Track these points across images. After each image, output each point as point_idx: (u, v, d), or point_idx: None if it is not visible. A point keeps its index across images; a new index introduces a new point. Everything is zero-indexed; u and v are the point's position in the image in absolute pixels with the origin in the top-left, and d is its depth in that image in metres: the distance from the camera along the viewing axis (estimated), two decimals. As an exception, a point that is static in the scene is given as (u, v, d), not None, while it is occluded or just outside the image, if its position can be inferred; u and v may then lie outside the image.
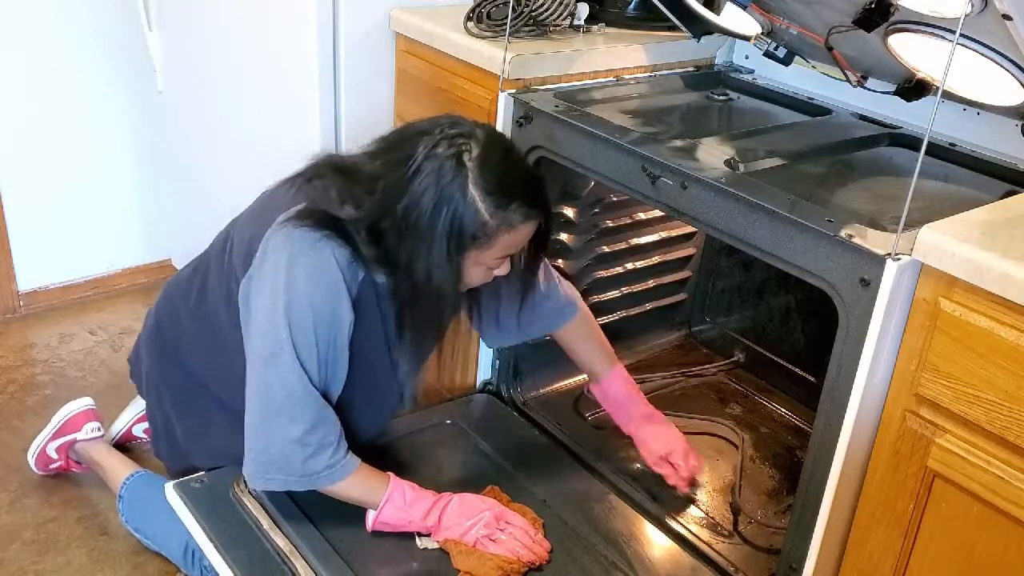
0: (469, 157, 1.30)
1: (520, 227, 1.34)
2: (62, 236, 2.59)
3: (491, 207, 1.29)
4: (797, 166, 1.54)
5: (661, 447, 1.65)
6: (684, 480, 1.65)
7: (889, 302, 1.17)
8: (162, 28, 2.41)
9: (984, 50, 1.35)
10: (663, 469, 1.66)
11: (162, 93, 2.49)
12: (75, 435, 1.94)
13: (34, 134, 2.46)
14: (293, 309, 1.32)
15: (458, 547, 1.42)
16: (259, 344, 1.34)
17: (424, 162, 1.29)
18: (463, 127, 1.34)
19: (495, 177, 1.30)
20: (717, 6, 1.75)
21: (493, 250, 1.34)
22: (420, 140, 1.31)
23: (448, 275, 1.32)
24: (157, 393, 1.69)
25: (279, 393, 1.34)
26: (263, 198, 1.49)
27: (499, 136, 1.39)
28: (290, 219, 1.34)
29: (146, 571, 1.80)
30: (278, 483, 1.38)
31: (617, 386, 1.69)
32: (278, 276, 1.33)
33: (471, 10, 1.83)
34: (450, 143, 1.30)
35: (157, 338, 1.67)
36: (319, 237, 1.32)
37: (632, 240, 2.03)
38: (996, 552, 1.15)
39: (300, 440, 1.34)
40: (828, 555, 1.34)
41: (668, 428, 1.68)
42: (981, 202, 1.30)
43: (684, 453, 1.65)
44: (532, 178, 1.39)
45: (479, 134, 1.33)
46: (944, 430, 1.17)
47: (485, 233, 1.31)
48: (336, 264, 1.33)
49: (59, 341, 2.49)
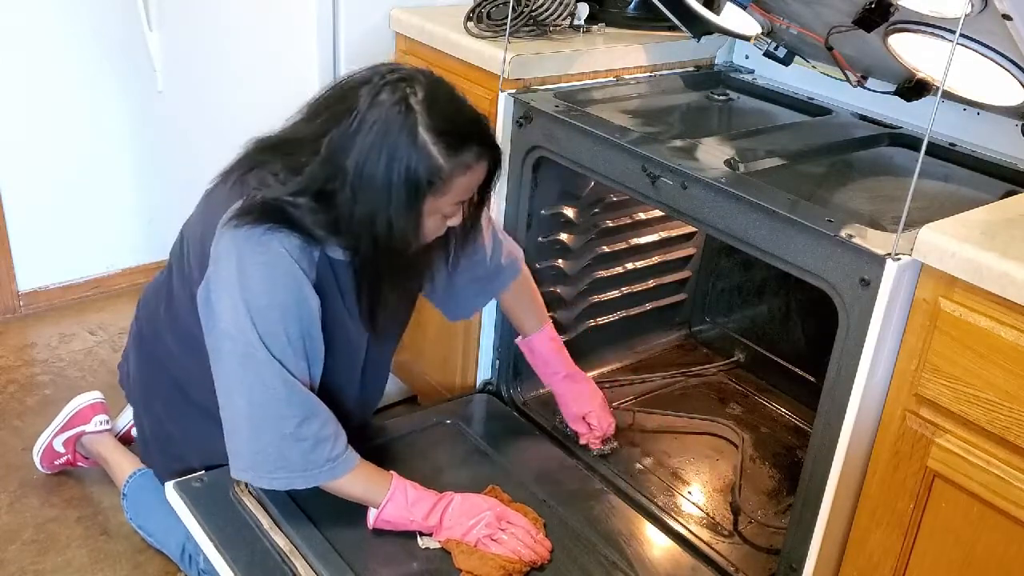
0: (416, 100, 1.25)
1: (475, 167, 1.30)
2: (62, 236, 2.59)
3: (443, 150, 1.25)
4: (797, 166, 1.54)
5: (577, 407, 1.72)
6: (597, 438, 1.73)
7: (889, 302, 1.17)
8: (162, 28, 2.41)
9: (984, 50, 1.35)
10: (579, 427, 1.74)
11: (162, 93, 2.49)
12: (83, 427, 1.95)
13: (34, 134, 2.46)
14: (255, 310, 1.29)
15: (460, 547, 1.42)
16: (229, 347, 1.31)
17: (368, 111, 1.24)
18: (403, 71, 1.29)
19: (445, 118, 1.26)
20: (717, 6, 1.75)
21: (449, 195, 1.30)
22: (360, 90, 1.27)
23: (409, 226, 1.28)
24: (146, 399, 1.68)
25: (261, 392, 1.32)
26: (205, 196, 1.46)
27: (441, 79, 1.33)
28: (232, 219, 1.30)
29: (146, 571, 1.80)
30: (281, 482, 1.37)
31: (543, 344, 1.73)
32: (232, 281, 1.30)
33: (471, 10, 1.83)
34: (393, 88, 1.25)
35: (140, 345, 1.66)
36: (263, 232, 1.28)
37: (632, 240, 2.03)
38: (996, 552, 1.15)
39: (294, 435, 1.33)
40: (828, 555, 1.34)
41: (587, 387, 1.74)
42: (981, 202, 1.30)
43: (599, 412, 1.72)
44: (479, 117, 1.33)
45: (420, 77, 1.28)
46: (944, 430, 1.17)
47: (440, 177, 1.27)
48: (287, 255, 1.29)
49: (59, 341, 2.49)
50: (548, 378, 1.76)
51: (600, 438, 1.74)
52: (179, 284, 1.49)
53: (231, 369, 1.33)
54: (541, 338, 1.73)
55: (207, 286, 1.34)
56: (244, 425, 1.35)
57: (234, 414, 1.36)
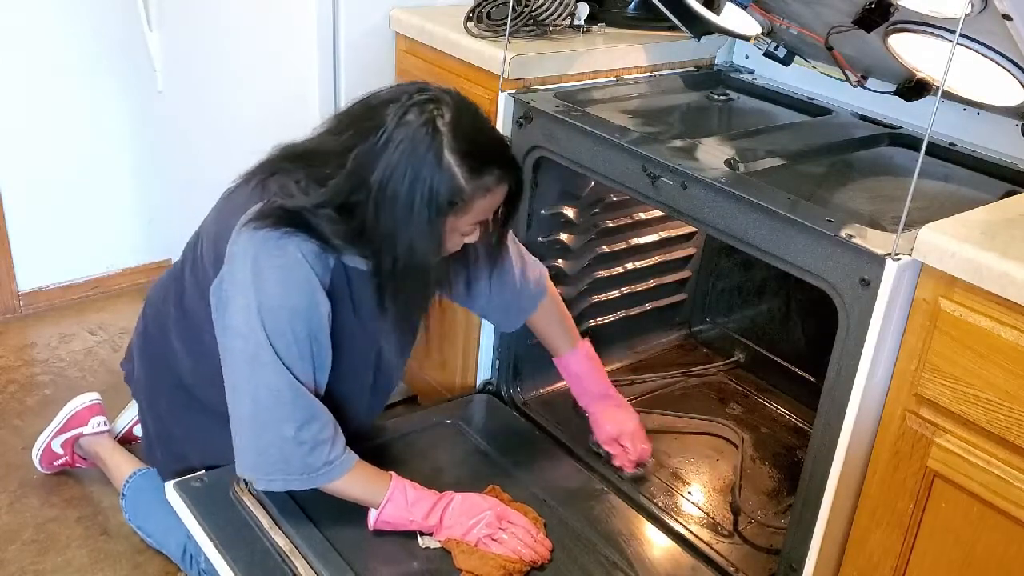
0: (443, 122, 1.27)
1: (495, 190, 1.33)
2: (62, 236, 2.59)
3: (466, 172, 1.28)
4: (797, 166, 1.54)
5: (613, 428, 1.69)
6: (631, 462, 1.69)
7: (889, 302, 1.17)
8: (162, 28, 2.41)
9: (984, 50, 1.35)
10: (612, 448, 1.70)
11: (162, 93, 2.49)
12: (81, 429, 1.95)
13: (34, 134, 2.46)
14: (266, 311, 1.31)
15: (460, 546, 1.42)
16: (240, 346, 1.33)
17: (396, 130, 1.26)
18: (431, 92, 1.31)
19: (469, 141, 1.28)
20: (717, 6, 1.75)
21: (469, 215, 1.33)
22: (387, 108, 1.29)
23: (430, 243, 1.31)
24: (151, 397, 1.68)
25: (266, 394, 1.33)
26: (225, 197, 1.48)
27: (467, 100, 1.35)
28: (250, 220, 1.32)
29: (146, 571, 1.80)
30: (279, 484, 1.38)
31: (578, 363, 1.72)
32: (247, 280, 1.31)
33: (471, 10, 1.83)
34: (421, 109, 1.28)
35: (147, 344, 1.66)
36: (280, 235, 1.30)
37: (632, 240, 2.03)
38: (996, 552, 1.15)
39: (295, 438, 1.34)
40: (828, 555, 1.34)
41: (622, 410, 1.71)
42: (981, 202, 1.30)
43: (633, 435, 1.68)
44: (501, 140, 1.38)
45: (447, 99, 1.30)
46: (944, 430, 1.17)
47: (462, 199, 1.29)
48: (303, 259, 1.31)
49: (59, 341, 2.49)
50: (582, 397, 1.73)
51: (634, 462, 1.70)
52: (192, 282, 1.50)
53: (239, 369, 1.35)
54: (576, 357, 1.72)
55: (221, 285, 1.36)
56: (248, 425, 1.36)
57: (240, 413, 1.37)
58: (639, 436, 1.70)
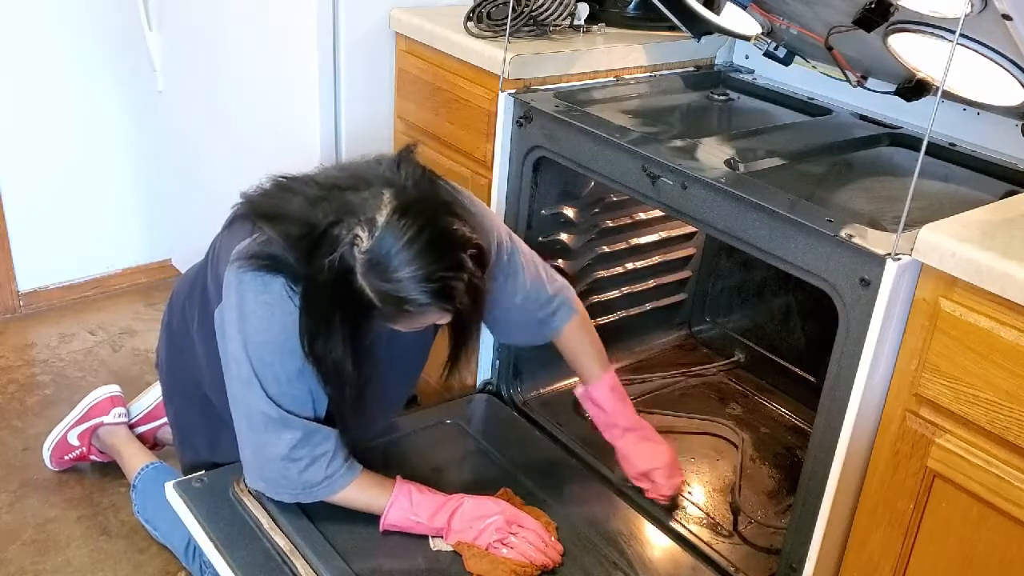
0: (360, 249, 1.21)
1: (425, 313, 1.26)
2: (62, 236, 2.59)
3: (380, 297, 1.22)
4: (797, 166, 1.54)
5: (643, 464, 1.59)
6: (663, 497, 1.61)
7: (889, 302, 1.17)
8: (162, 28, 2.41)
9: (984, 50, 1.35)
10: (642, 483, 1.62)
11: (162, 93, 2.49)
12: (102, 418, 1.97)
13: (34, 134, 2.46)
14: (251, 345, 1.32)
15: (471, 550, 1.42)
16: (236, 369, 1.35)
17: (321, 237, 1.22)
18: (371, 205, 1.22)
19: (385, 272, 1.20)
20: (717, 6, 1.75)
21: (399, 325, 1.30)
22: (343, 197, 1.24)
23: (344, 355, 1.28)
24: (170, 387, 1.72)
25: (258, 416, 1.35)
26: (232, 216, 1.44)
27: (416, 210, 1.22)
28: (239, 257, 1.32)
29: (146, 571, 1.80)
30: (286, 496, 1.42)
31: (602, 395, 1.61)
32: (233, 315, 1.33)
33: (471, 10, 1.83)
34: (348, 227, 1.21)
35: (169, 335, 1.68)
36: (265, 273, 1.30)
37: (632, 240, 2.03)
38: (996, 552, 1.15)
39: (289, 456, 1.36)
40: (828, 555, 1.34)
41: (653, 445, 1.61)
42: (981, 202, 1.30)
43: (666, 472, 1.59)
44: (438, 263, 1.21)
45: (383, 215, 1.21)
46: (944, 430, 1.17)
47: (383, 314, 1.26)
48: (288, 298, 1.30)
49: (59, 341, 2.49)
50: (607, 431, 1.62)
51: (666, 497, 1.61)
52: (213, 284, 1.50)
53: (236, 389, 1.37)
54: (600, 388, 1.60)
55: (221, 311, 1.37)
56: (248, 442, 1.39)
57: (240, 430, 1.40)
58: (672, 470, 1.60)
